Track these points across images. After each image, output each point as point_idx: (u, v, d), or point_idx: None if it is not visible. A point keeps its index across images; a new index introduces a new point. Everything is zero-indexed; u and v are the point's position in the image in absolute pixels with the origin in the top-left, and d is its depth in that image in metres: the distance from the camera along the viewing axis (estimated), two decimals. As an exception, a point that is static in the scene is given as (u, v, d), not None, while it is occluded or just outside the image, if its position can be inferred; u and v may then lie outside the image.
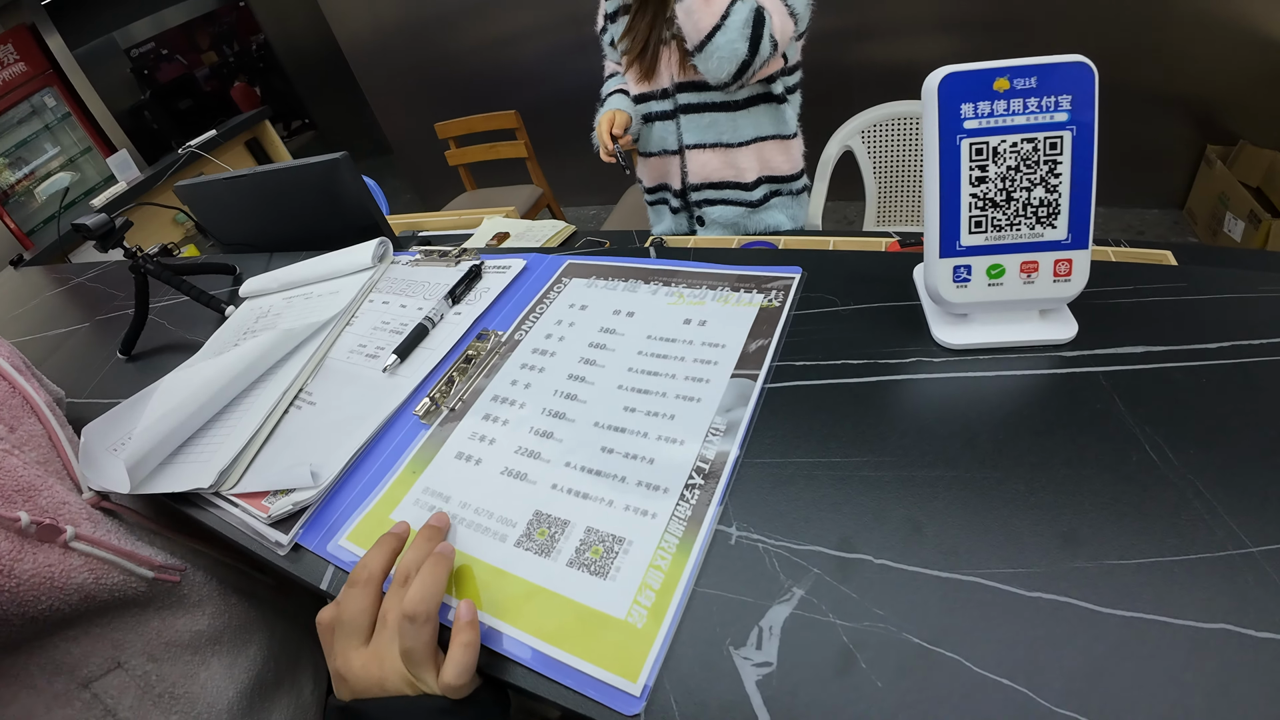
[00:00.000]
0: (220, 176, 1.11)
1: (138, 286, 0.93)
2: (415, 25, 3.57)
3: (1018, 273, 0.46)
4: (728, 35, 1.02)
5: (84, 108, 5.32)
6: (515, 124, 2.59)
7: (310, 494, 0.50)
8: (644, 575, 0.38)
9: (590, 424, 0.50)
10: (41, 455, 0.59)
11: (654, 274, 0.65)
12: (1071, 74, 0.42)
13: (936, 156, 0.45)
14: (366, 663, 0.37)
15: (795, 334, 0.53)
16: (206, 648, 0.65)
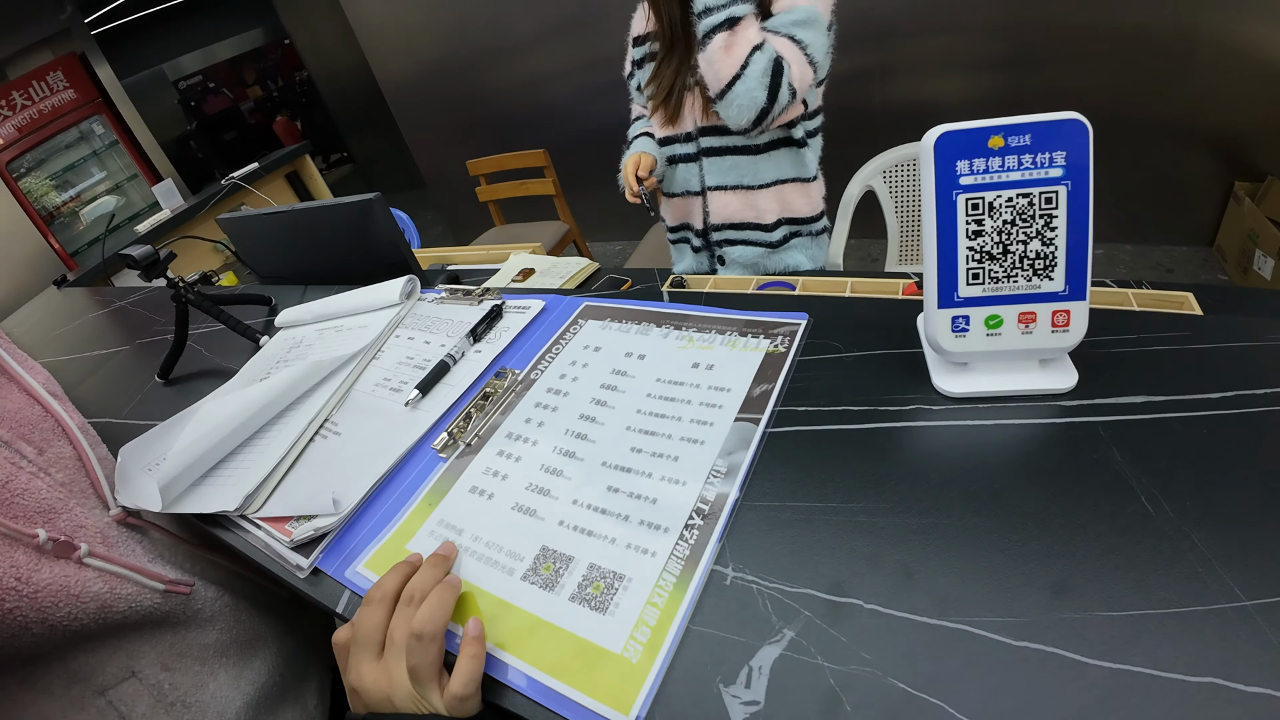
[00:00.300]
0: (261, 212, 1.18)
1: (178, 314, 0.98)
2: (450, 66, 3.72)
3: (1016, 323, 0.48)
4: (747, 84, 1.06)
5: (131, 136, 5.59)
6: (544, 162, 2.67)
7: (331, 521, 0.53)
8: (641, 612, 0.40)
9: (598, 463, 0.52)
10: (68, 476, 0.64)
11: (666, 317, 0.68)
12: (1065, 131, 0.45)
13: (934, 211, 0.47)
14: (377, 678, 0.40)
15: (799, 379, 0.55)
16: (215, 659, 0.68)
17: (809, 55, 1.10)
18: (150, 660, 0.63)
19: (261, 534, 0.56)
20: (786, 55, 1.07)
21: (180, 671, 0.65)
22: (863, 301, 0.64)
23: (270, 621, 0.77)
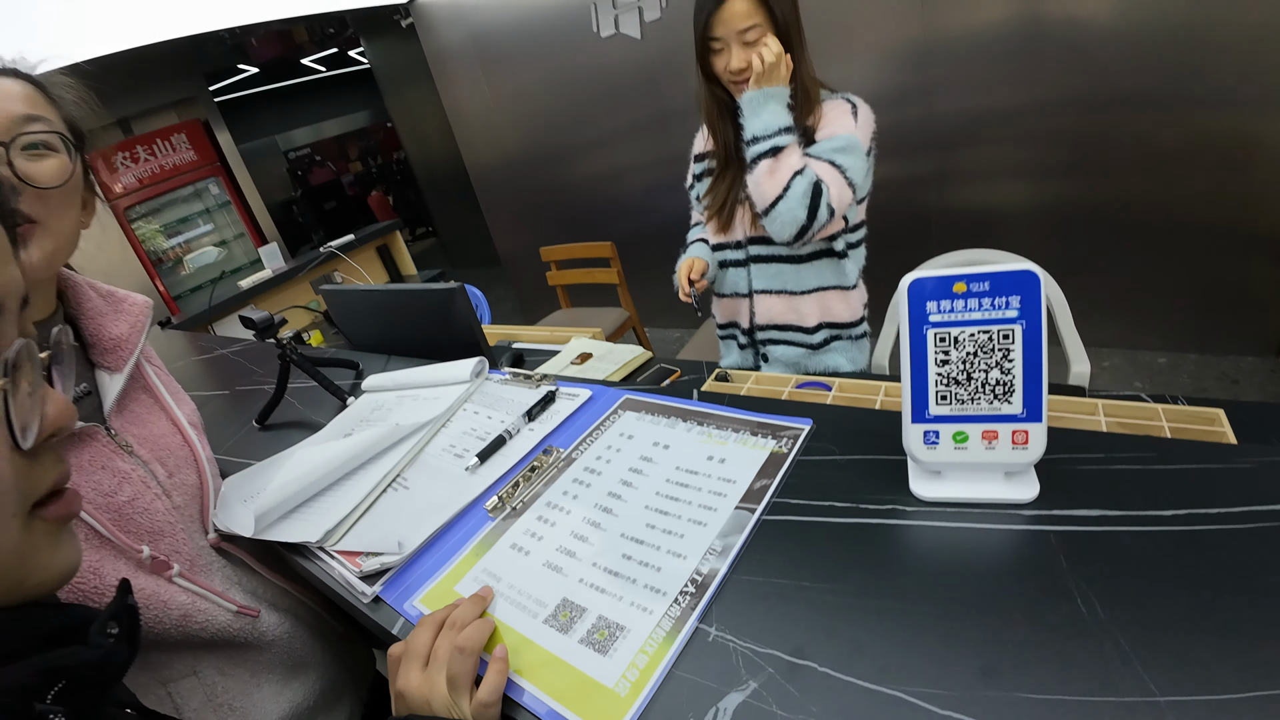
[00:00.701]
0: (359, 288, 1.38)
1: (281, 370, 1.16)
2: (533, 157, 4.09)
3: (980, 439, 0.57)
4: (789, 204, 1.20)
5: (242, 197, 6.21)
6: (610, 254, 2.87)
7: (395, 559, 0.65)
8: (634, 656, 0.50)
9: (618, 534, 0.63)
10: (185, 500, 0.78)
11: (692, 414, 0.80)
12: (1020, 279, 0.55)
13: (908, 343, 0.58)
14: (420, 684, 0.50)
15: (795, 475, 0.65)
16: (264, 672, 0.80)
17: (848, 178, 1.23)
18: (210, 665, 0.76)
19: (335, 564, 0.69)
20: (826, 178, 1.21)
21: (233, 678, 0.77)
22: (863, 411, 0.74)
23: (319, 649, 0.88)
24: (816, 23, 2.58)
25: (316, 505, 0.78)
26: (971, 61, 2.43)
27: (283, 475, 0.82)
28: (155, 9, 2.78)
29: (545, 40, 3.56)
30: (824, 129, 1.25)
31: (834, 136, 1.24)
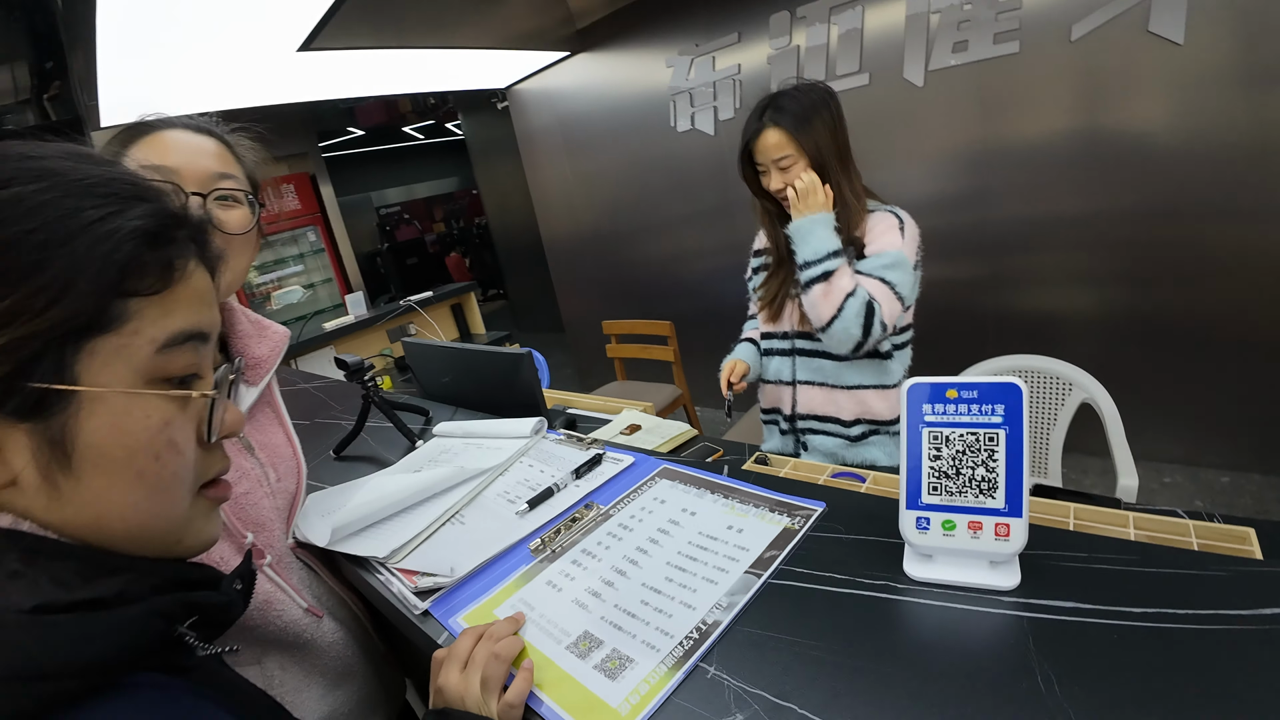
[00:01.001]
0: (437, 343, 1.54)
1: (362, 409, 1.32)
2: (604, 235, 4.35)
3: (966, 529, 0.65)
4: (844, 324, 1.29)
5: (335, 246, 6.71)
6: (668, 333, 3.00)
7: (446, 580, 0.77)
8: (638, 684, 0.59)
9: (639, 583, 0.73)
10: (283, 504, 0.92)
11: (720, 487, 0.90)
12: (1004, 390, 0.64)
13: (906, 438, 0.67)
14: (457, 683, 0.60)
15: (803, 549, 0.74)
16: (315, 675, 0.91)
17: (898, 293, 1.33)
18: (273, 658, 0.87)
19: (395, 579, 0.80)
20: (877, 295, 1.31)
21: (290, 674, 0.88)
22: (873, 499, 0.82)
23: (363, 662, 0.98)
24: (877, 125, 2.77)
25: (385, 527, 0.91)
26: (1030, 168, 2.52)
27: (359, 498, 0.96)
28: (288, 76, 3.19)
29: (625, 130, 3.87)
30: (873, 243, 1.35)
31: (883, 253, 1.34)
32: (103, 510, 0.40)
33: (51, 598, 0.35)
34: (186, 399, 0.43)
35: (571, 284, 4.84)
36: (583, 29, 3.80)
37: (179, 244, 0.43)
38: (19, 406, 0.36)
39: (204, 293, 0.45)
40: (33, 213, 0.37)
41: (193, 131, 0.84)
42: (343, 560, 0.91)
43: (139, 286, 0.40)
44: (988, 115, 2.55)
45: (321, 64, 3.04)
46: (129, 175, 0.43)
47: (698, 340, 3.44)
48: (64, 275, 0.36)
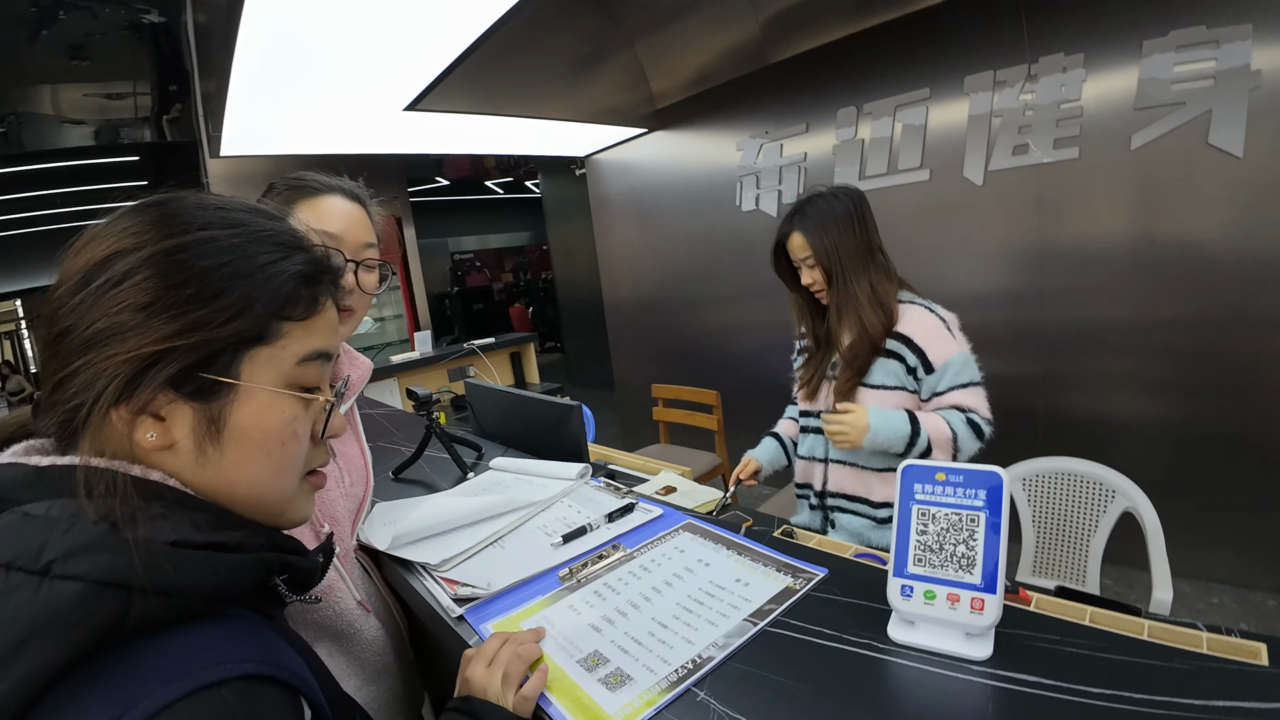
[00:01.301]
0: (497, 387, 1.70)
1: (424, 438, 1.46)
2: (662, 301, 4.52)
3: (945, 600, 0.73)
4: (966, 451, 1.43)
5: (409, 284, 7.10)
6: (714, 402, 3.08)
7: (483, 592, 0.88)
8: (632, 699, 0.68)
9: (649, 617, 0.82)
10: (352, 508, 1.07)
11: (735, 545, 0.99)
12: (987, 478, 0.73)
13: (898, 513, 0.76)
14: (481, 676, 0.71)
15: (800, 605, 0.82)
16: (354, 667, 1.02)
17: (979, 383, 1.47)
18: (323, 645, 0.99)
19: (438, 586, 0.93)
20: (969, 402, 1.43)
21: (333, 664, 1.00)
22: (873, 570, 0.90)
23: (395, 665, 1.09)
24: (936, 219, 2.86)
25: (438, 540, 1.05)
26: (1086, 271, 2.56)
27: (421, 512, 1.11)
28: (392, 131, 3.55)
29: (693, 204, 4.09)
30: (929, 349, 1.46)
31: (949, 362, 1.45)
32: (234, 478, 0.53)
33: (188, 537, 0.47)
34: (311, 402, 0.57)
35: (626, 345, 5.02)
36: (661, 109, 4.08)
37: (323, 285, 0.58)
38: (193, 391, 0.50)
39: (333, 323, 0.60)
40: (224, 251, 0.52)
41: (348, 199, 1.03)
42: (391, 565, 1.04)
43: (293, 314, 0.54)
44: (1045, 217, 2.62)
45: (423, 122, 3.37)
46: (293, 231, 0.59)
47: (742, 412, 3.51)
48: (243, 299, 0.51)
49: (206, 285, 0.50)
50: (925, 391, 1.48)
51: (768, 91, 3.49)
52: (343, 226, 0.99)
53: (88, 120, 3.75)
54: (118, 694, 0.40)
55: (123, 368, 0.47)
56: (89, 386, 0.47)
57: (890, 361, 1.50)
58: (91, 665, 0.41)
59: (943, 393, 1.45)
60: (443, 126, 3.54)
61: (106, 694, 0.40)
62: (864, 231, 1.51)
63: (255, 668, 0.46)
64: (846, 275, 1.48)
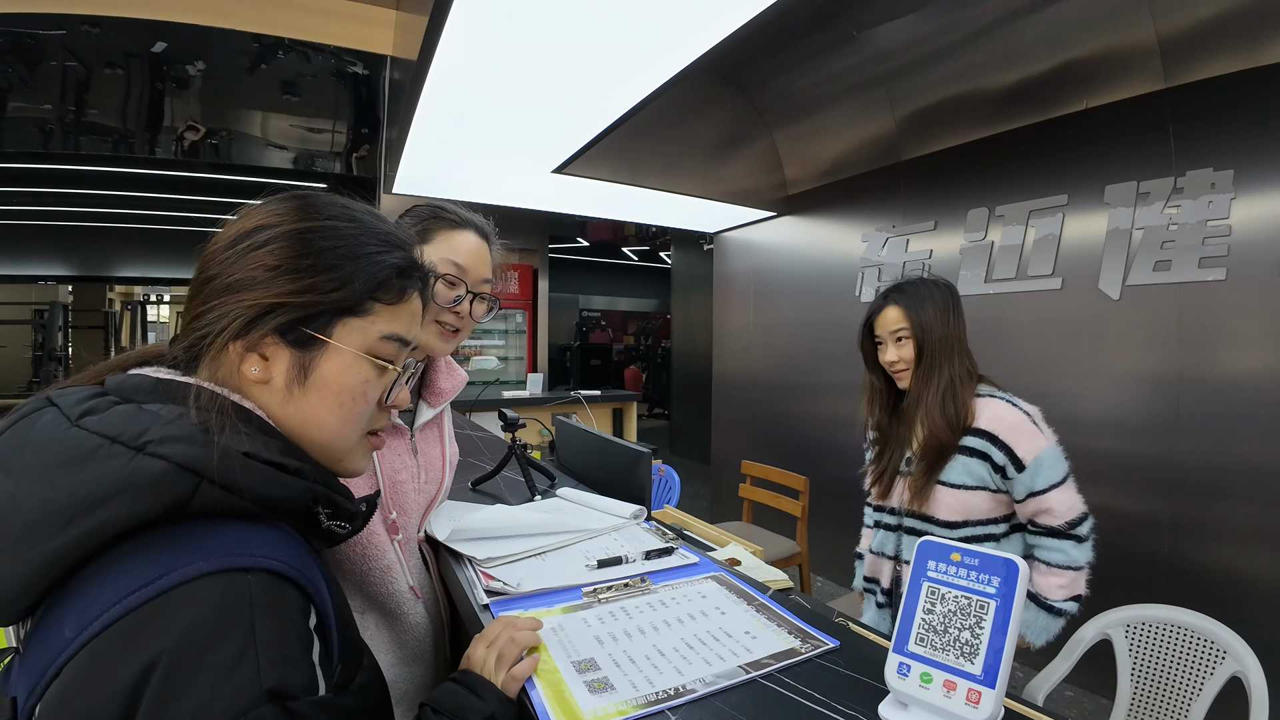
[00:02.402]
0: (583, 428, 1.81)
1: (505, 457, 1.59)
2: (769, 382, 4.53)
3: (941, 686, 0.71)
4: (1091, 556, 1.47)
5: (535, 332, 7.55)
6: (801, 488, 3.02)
7: (511, 590, 0.98)
8: (608, 705, 0.73)
9: (651, 644, 0.87)
10: (423, 501, 1.19)
11: (756, 601, 1.01)
12: (1003, 565, 0.71)
13: (907, 588, 0.76)
14: (480, 655, 0.79)
15: (798, 668, 0.83)
16: (393, 644, 1.12)
17: (1071, 478, 1.45)
18: (372, 615, 1.10)
19: (477, 576, 1.03)
20: (1066, 503, 1.42)
21: (376, 637, 1.10)
22: (881, 650, 0.89)
23: (430, 655, 1.18)
24: (1065, 332, 2.72)
25: (491, 542, 1.17)
26: (1227, 405, 2.34)
27: (482, 515, 1.24)
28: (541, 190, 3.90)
29: (811, 290, 4.13)
30: (1019, 446, 1.43)
31: (1040, 459, 1.42)
32: (309, 419, 0.66)
33: (258, 452, 0.59)
34: (384, 369, 0.70)
35: (727, 420, 5.04)
36: (792, 195, 4.22)
37: (413, 280, 0.72)
38: (294, 339, 0.64)
39: (416, 314, 0.73)
40: (341, 237, 0.67)
41: (480, 237, 1.19)
42: (447, 556, 1.15)
43: (383, 297, 0.68)
44: (1185, 341, 2.43)
45: (568, 185, 3.69)
46: (396, 231, 0.73)
47: (828, 505, 3.42)
48: (346, 276, 0.65)
49: (322, 260, 0.64)
50: (1019, 491, 1.44)
51: (899, 186, 3.53)
52: (470, 261, 1.15)
53: (289, 147, 4.46)
54: (165, 559, 0.52)
55: (247, 311, 0.62)
56: (218, 321, 0.62)
57: (972, 460, 1.46)
58: (152, 534, 0.53)
59: (1040, 492, 1.41)
60: (585, 191, 3.86)
61: (156, 557, 0.52)
62: (956, 323, 1.51)
63: (282, 567, 0.56)
64: (933, 359, 1.48)
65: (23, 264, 9.03)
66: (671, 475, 3.38)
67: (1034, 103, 2.89)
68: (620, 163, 3.44)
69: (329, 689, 0.56)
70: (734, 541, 1.77)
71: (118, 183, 5.62)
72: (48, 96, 3.74)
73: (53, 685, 0.49)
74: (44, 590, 0.52)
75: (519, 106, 2.69)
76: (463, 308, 1.14)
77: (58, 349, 9.72)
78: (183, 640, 0.48)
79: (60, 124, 4.13)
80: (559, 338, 10.58)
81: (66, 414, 0.56)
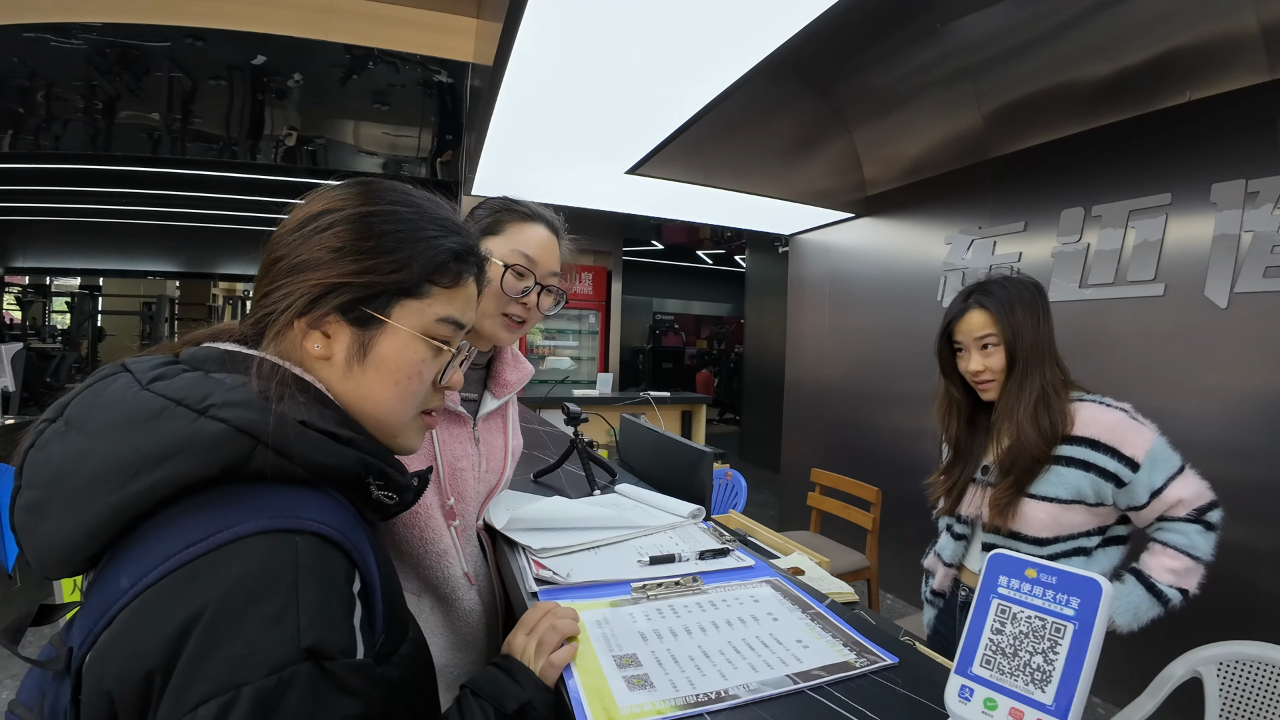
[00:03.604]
0: (646, 425, 1.81)
1: (567, 451, 1.60)
2: (843, 391, 4.39)
3: (1007, 714, 0.65)
4: (1214, 544, 1.35)
5: (608, 333, 7.63)
6: (874, 499, 2.90)
7: (560, 580, 0.98)
8: (645, 703, 0.71)
9: (696, 645, 0.84)
10: (483, 490, 1.20)
11: (811, 610, 0.97)
12: (1085, 585, 0.65)
13: (975, 604, 0.70)
14: (520, 642, 0.78)
15: (851, 684, 0.78)
16: (445, 629, 1.13)
17: (1187, 468, 1.34)
18: (427, 598, 1.12)
19: (528, 565, 1.04)
20: (1191, 491, 1.31)
21: (429, 619, 1.12)
22: (944, 673, 0.83)
23: (481, 644, 1.19)
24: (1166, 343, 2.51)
25: (546, 533, 1.17)
26: None
27: (540, 505, 1.25)
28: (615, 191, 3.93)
29: (891, 296, 3.97)
30: (1126, 444, 1.32)
31: (1151, 453, 1.31)
32: (365, 394, 0.68)
33: (314, 421, 0.61)
34: (440, 350, 0.71)
35: (798, 428, 4.92)
36: (872, 195, 4.07)
37: (469, 264, 0.74)
38: (355, 318, 0.66)
39: (471, 298, 0.75)
40: (401, 221, 0.69)
41: (550, 231, 1.20)
42: (503, 544, 1.16)
43: (440, 280, 0.70)
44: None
45: (641, 186, 3.70)
46: (454, 217, 0.75)
47: (900, 520, 3.27)
48: (405, 259, 0.68)
49: (382, 243, 0.67)
50: (1140, 494, 1.32)
51: (985, 186, 3.35)
52: (539, 254, 1.15)
53: (379, 153, 4.70)
54: (219, 517, 0.54)
55: (311, 290, 0.65)
56: (284, 299, 0.65)
57: (1069, 471, 1.35)
58: (209, 494, 0.55)
59: (1162, 488, 1.30)
60: (659, 192, 3.86)
61: (211, 515, 0.54)
62: (1047, 326, 1.40)
63: (329, 532, 0.58)
64: (1026, 368, 1.38)
65: (134, 260, 9.95)
66: (739, 480, 3.33)
67: (1132, 95, 2.68)
68: (694, 163, 3.42)
69: (369, 655, 0.58)
70: (798, 550, 1.71)
71: (221, 186, 6.07)
72: (155, 105, 4.08)
73: (104, 633, 0.52)
74: (106, 542, 0.55)
75: (592, 107, 2.72)
76: (529, 299, 1.14)
77: (164, 339, 10.56)
78: (227, 594, 0.50)
79: (168, 131, 4.50)
80: (632, 340, 10.63)
81: (138, 378, 0.59)
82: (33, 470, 0.57)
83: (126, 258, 9.83)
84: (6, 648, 0.58)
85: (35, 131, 4.66)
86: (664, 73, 2.33)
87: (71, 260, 9.78)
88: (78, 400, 0.60)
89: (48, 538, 0.55)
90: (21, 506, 0.57)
